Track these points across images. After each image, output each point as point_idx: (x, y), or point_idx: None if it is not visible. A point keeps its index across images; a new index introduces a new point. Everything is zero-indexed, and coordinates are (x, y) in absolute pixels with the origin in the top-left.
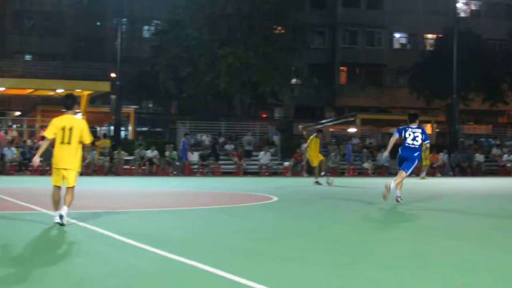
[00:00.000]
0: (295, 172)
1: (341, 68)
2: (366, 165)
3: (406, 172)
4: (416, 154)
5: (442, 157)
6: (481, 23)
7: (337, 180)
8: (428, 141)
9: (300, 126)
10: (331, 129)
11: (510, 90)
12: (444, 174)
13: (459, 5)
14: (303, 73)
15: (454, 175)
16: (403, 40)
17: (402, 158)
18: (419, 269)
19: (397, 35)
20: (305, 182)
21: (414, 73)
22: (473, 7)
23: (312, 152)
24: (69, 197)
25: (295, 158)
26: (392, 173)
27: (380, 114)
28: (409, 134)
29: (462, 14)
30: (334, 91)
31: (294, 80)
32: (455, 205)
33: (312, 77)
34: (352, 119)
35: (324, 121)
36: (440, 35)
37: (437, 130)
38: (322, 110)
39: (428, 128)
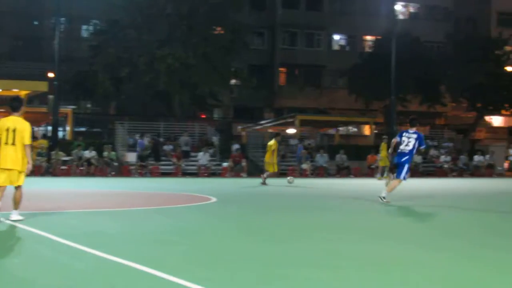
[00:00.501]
0: (234, 172)
1: (280, 69)
2: (304, 166)
3: (399, 178)
4: (404, 159)
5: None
6: (419, 25)
7: (277, 181)
8: (423, 146)
9: (239, 127)
10: (270, 130)
11: (447, 92)
12: (382, 174)
13: (398, 7)
14: (242, 74)
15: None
16: (342, 42)
17: (395, 164)
18: (355, 269)
19: (336, 36)
20: (244, 183)
21: (352, 74)
22: (411, 10)
23: (273, 157)
24: (18, 197)
25: (233, 159)
26: (330, 174)
27: (319, 115)
28: (404, 140)
29: (401, 17)
30: (273, 92)
31: (233, 81)
32: (388, 206)
33: (251, 78)
34: (291, 120)
35: (263, 122)
36: (379, 37)
37: (375, 131)
38: (261, 111)
39: (367, 129)
